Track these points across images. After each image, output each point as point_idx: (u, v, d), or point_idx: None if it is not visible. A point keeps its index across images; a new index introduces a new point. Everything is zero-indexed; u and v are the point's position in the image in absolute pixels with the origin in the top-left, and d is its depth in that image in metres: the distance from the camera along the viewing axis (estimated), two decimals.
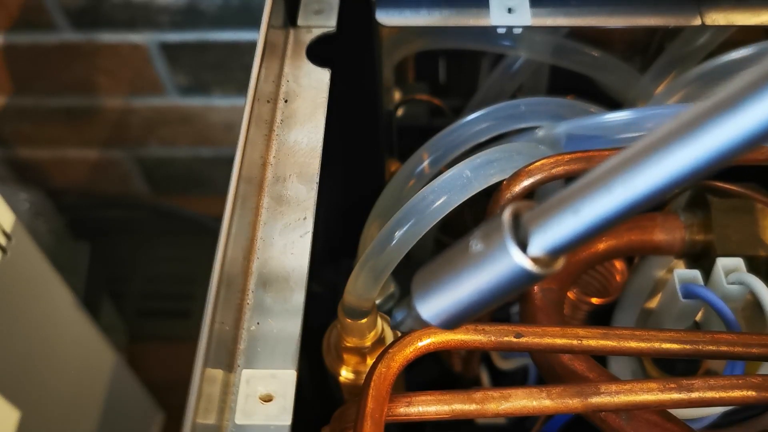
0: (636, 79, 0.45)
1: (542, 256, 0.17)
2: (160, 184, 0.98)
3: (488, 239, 0.18)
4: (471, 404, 0.27)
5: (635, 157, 0.15)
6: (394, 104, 0.52)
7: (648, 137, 0.15)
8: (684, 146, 0.14)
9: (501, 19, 0.40)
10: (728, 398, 0.27)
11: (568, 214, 0.16)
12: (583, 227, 0.16)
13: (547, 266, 0.17)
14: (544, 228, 0.17)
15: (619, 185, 0.15)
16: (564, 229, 0.16)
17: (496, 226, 0.18)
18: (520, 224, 0.17)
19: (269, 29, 0.35)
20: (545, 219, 0.17)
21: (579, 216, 0.16)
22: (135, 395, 0.74)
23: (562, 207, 0.16)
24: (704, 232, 0.36)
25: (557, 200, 0.17)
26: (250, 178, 0.32)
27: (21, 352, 0.49)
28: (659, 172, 0.15)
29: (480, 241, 0.18)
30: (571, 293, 0.41)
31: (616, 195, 0.15)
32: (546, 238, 0.17)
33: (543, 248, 0.17)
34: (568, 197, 0.16)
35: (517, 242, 0.17)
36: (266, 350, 0.28)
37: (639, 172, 0.15)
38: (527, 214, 0.17)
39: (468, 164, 0.33)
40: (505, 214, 0.18)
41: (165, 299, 0.94)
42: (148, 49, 0.80)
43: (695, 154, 0.14)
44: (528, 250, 0.17)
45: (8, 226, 0.46)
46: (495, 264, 0.18)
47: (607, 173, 0.16)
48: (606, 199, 0.16)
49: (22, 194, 0.80)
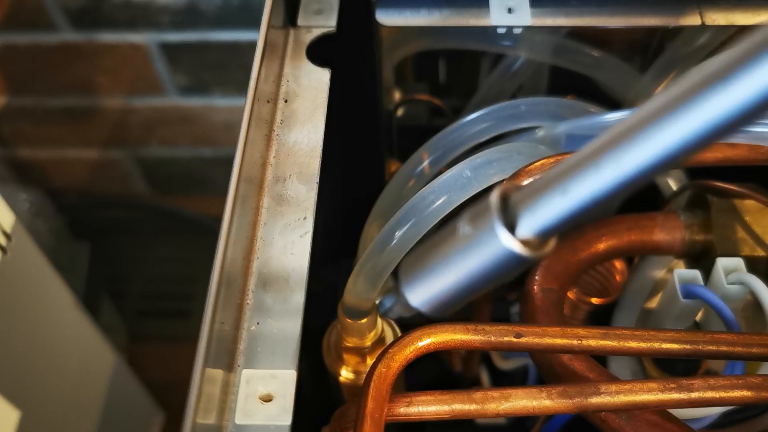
0: (636, 79, 0.45)
1: (531, 238, 0.16)
2: (160, 184, 0.98)
3: (476, 222, 0.17)
4: (471, 404, 0.27)
5: (624, 133, 0.14)
6: (394, 104, 0.52)
7: (637, 113, 0.14)
8: (674, 121, 0.13)
9: (501, 19, 0.40)
10: (728, 398, 0.27)
11: (556, 194, 0.16)
12: (573, 207, 0.16)
13: (537, 249, 0.17)
14: (533, 209, 0.16)
15: (609, 163, 0.15)
16: (553, 210, 0.16)
17: (483, 208, 0.17)
18: (508, 206, 0.17)
19: (269, 29, 0.35)
20: (534, 200, 0.16)
21: (568, 196, 0.15)
22: (135, 395, 0.74)
23: (551, 187, 0.16)
24: (704, 232, 0.36)
25: (545, 180, 0.16)
26: (250, 178, 0.32)
27: (21, 352, 0.49)
28: (650, 148, 0.14)
29: (467, 224, 0.18)
30: (571, 293, 0.41)
31: (605, 173, 0.15)
32: (535, 220, 0.16)
33: (532, 230, 0.16)
34: (556, 177, 0.16)
35: (505, 224, 0.16)
36: (266, 350, 0.28)
37: (629, 148, 0.14)
38: (516, 195, 0.17)
39: (468, 164, 0.33)
40: (493, 196, 0.17)
41: (165, 299, 0.94)
42: (148, 49, 0.80)
43: (686, 129, 0.13)
44: (517, 232, 0.16)
45: (8, 226, 0.46)
46: (483, 247, 0.17)
47: (595, 151, 0.15)
48: (595, 178, 0.15)
49: (22, 194, 0.80)
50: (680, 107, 0.13)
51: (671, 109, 0.14)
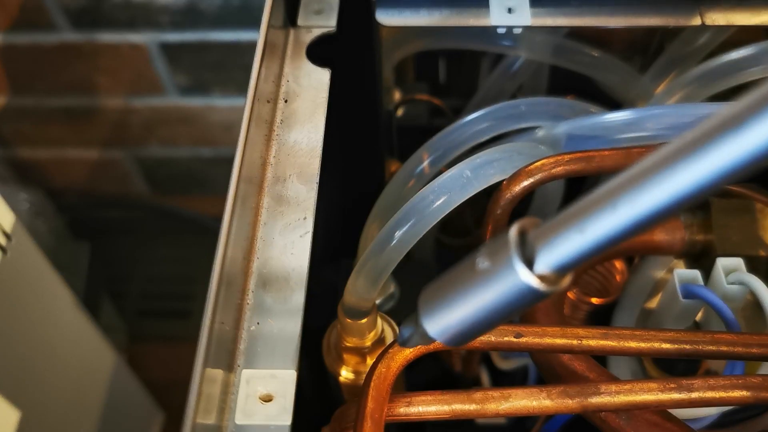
0: (636, 79, 0.45)
1: (549, 273, 0.17)
2: (160, 184, 0.98)
3: (494, 257, 0.18)
4: (471, 404, 0.27)
5: (640, 175, 0.15)
6: (394, 104, 0.52)
7: (653, 155, 0.15)
8: (689, 165, 0.14)
9: (501, 19, 0.40)
10: (728, 398, 0.27)
11: (573, 232, 0.16)
12: (589, 246, 0.16)
13: (554, 284, 0.17)
14: (551, 246, 0.17)
15: (624, 204, 0.15)
16: (570, 248, 0.16)
17: (502, 244, 0.18)
18: (526, 242, 0.17)
19: (269, 29, 0.35)
20: (551, 237, 0.17)
21: (585, 234, 0.16)
22: (135, 395, 0.74)
23: (568, 225, 0.16)
24: (704, 232, 0.36)
25: (563, 218, 0.17)
26: (250, 178, 0.32)
27: (21, 352, 0.49)
28: (665, 191, 0.14)
29: (486, 259, 0.18)
30: (571, 293, 0.41)
31: (621, 214, 0.15)
32: (552, 256, 0.17)
33: (549, 266, 0.17)
34: (573, 215, 0.16)
35: (523, 260, 0.17)
36: (266, 350, 0.28)
37: (644, 190, 0.15)
38: (533, 232, 0.17)
39: (468, 164, 0.33)
40: (512, 232, 0.17)
41: (165, 299, 0.94)
42: (148, 49, 0.80)
43: (701, 173, 0.14)
44: (534, 267, 0.17)
45: (8, 226, 0.46)
46: (501, 282, 0.18)
47: (611, 192, 0.16)
48: (611, 218, 0.15)
49: (22, 194, 0.80)
50: (697, 151, 0.14)
51: (688, 152, 0.14)
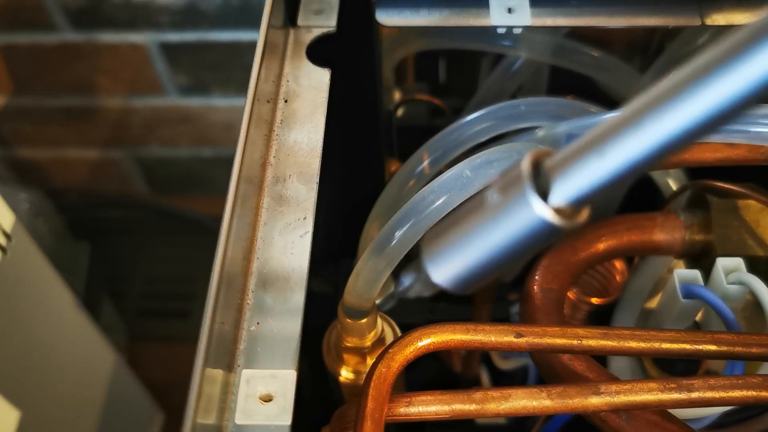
0: (636, 79, 0.45)
1: (565, 206, 0.15)
2: (160, 184, 0.98)
3: (506, 190, 0.16)
4: (471, 404, 0.27)
5: (668, 92, 0.13)
6: (394, 104, 0.52)
7: (684, 69, 0.13)
8: (726, 75, 0.12)
9: (501, 19, 0.40)
10: (728, 398, 0.27)
11: (593, 157, 0.15)
12: (610, 172, 0.15)
13: (570, 218, 0.16)
14: (567, 175, 0.15)
15: (651, 122, 0.14)
16: (589, 175, 0.15)
17: (515, 176, 0.16)
18: (540, 172, 0.16)
19: (269, 29, 0.35)
20: (568, 165, 0.15)
21: (605, 159, 0.14)
22: (135, 395, 0.74)
23: (587, 151, 0.15)
24: (704, 232, 0.36)
25: (581, 144, 0.15)
26: (250, 178, 0.32)
27: (21, 352, 0.49)
28: (698, 105, 0.13)
29: (497, 192, 0.17)
30: (571, 293, 0.41)
31: (647, 134, 0.14)
32: (569, 186, 0.15)
33: (566, 197, 0.15)
34: (593, 140, 0.15)
35: (537, 192, 0.16)
36: (266, 350, 0.28)
37: (674, 106, 0.13)
38: (548, 162, 0.16)
39: (468, 164, 0.33)
40: (525, 162, 0.16)
41: (165, 299, 0.94)
42: (148, 49, 0.80)
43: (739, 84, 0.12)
44: (549, 199, 0.15)
45: (8, 226, 0.46)
46: (514, 216, 0.16)
47: (637, 111, 0.14)
48: (636, 139, 0.14)
49: (22, 194, 0.80)
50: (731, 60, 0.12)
51: (722, 63, 0.13)
